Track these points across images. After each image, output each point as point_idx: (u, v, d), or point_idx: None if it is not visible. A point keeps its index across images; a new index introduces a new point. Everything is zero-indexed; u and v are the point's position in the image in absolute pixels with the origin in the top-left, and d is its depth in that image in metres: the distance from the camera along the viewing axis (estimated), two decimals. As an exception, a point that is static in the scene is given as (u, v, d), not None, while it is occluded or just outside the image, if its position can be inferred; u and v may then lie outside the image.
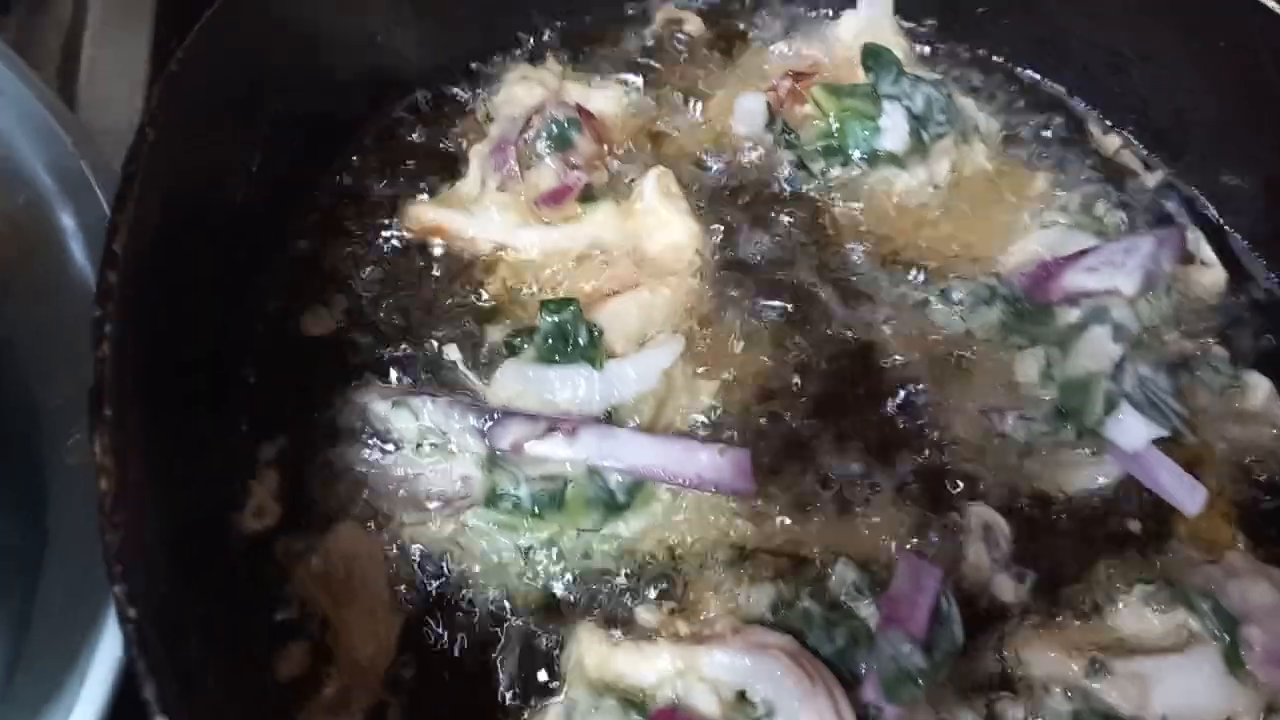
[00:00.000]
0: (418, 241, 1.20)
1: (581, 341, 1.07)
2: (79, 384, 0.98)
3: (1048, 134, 1.40)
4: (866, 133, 1.28)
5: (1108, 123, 1.42)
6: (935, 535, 1.08)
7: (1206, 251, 1.30)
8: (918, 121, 1.28)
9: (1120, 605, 1.06)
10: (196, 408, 0.99)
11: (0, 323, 1.08)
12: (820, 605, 0.97)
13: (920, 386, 1.18)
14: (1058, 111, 1.44)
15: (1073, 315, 1.21)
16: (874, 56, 1.30)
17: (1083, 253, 1.24)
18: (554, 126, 1.19)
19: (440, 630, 0.98)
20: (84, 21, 1.48)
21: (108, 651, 0.87)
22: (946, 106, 1.30)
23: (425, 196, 1.22)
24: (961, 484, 1.12)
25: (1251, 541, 1.13)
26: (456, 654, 0.97)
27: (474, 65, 1.36)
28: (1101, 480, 1.14)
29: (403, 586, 0.99)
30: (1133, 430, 1.10)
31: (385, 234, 1.20)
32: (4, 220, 1.15)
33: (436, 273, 1.18)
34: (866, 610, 0.97)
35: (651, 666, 0.94)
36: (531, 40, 1.38)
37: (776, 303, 1.21)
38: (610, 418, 1.06)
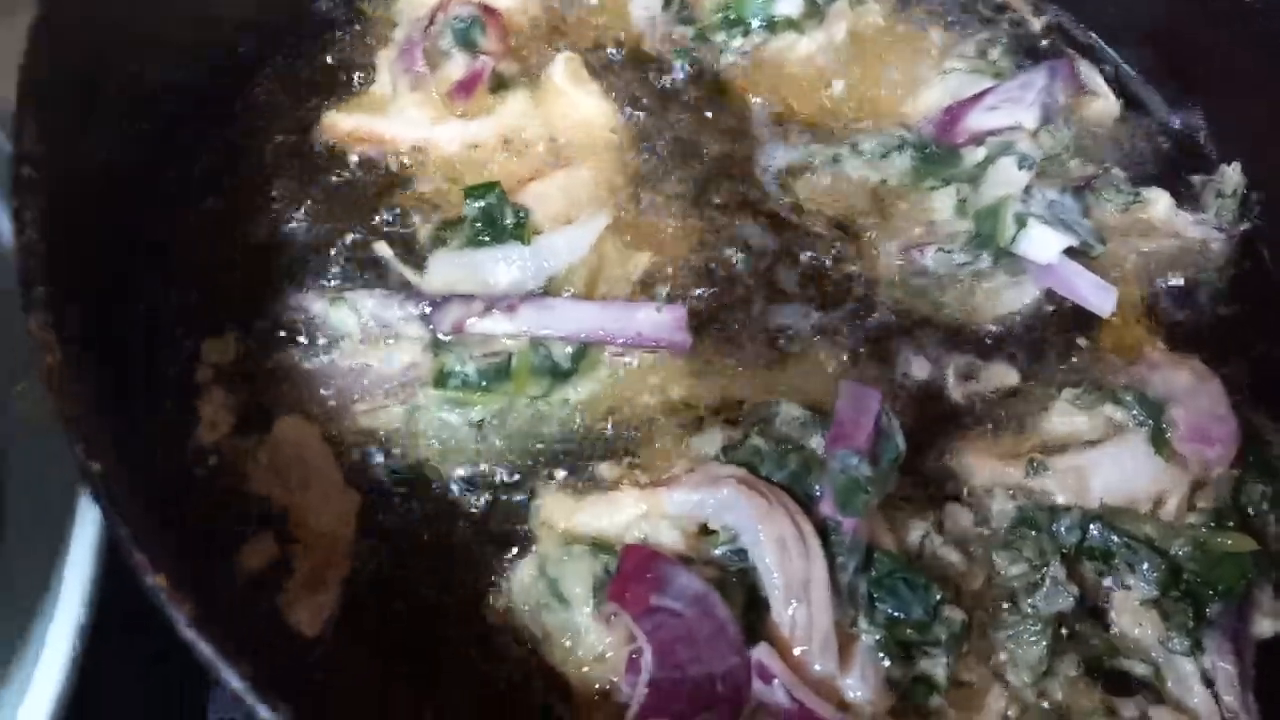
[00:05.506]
0: (339, 150, 1.19)
1: (509, 222, 1.10)
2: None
3: (939, -10, 1.44)
4: (761, 0, 1.31)
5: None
6: (872, 368, 1.13)
7: (1097, 81, 1.35)
8: (811, -17, 1.32)
9: (1049, 410, 1.12)
10: (132, 325, 0.99)
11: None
12: (769, 441, 1.01)
13: (842, 234, 1.22)
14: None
15: (979, 154, 1.25)
16: (760, -76, 1.32)
17: (983, 93, 1.28)
18: (458, 22, 1.19)
19: (402, 506, 0.99)
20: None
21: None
22: (837, -33, 1.33)
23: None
24: (893, 316, 1.17)
25: (1167, 344, 1.19)
26: (420, 525, 0.99)
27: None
28: (1023, 302, 1.19)
29: (357, 468, 1.00)
30: (1043, 241, 1.14)
31: (305, 146, 1.19)
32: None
33: (360, 177, 1.18)
34: (814, 442, 1.01)
35: (616, 514, 0.97)
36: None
37: (694, 173, 1.23)
38: (546, 293, 1.08)
